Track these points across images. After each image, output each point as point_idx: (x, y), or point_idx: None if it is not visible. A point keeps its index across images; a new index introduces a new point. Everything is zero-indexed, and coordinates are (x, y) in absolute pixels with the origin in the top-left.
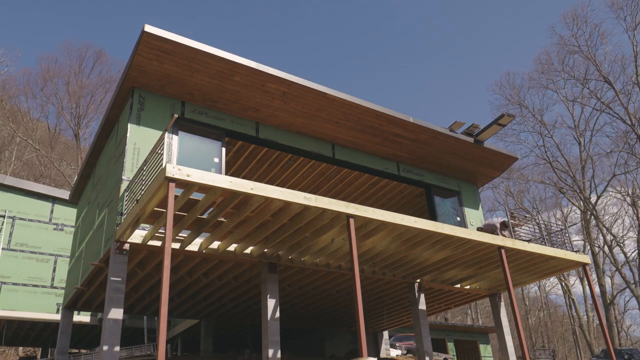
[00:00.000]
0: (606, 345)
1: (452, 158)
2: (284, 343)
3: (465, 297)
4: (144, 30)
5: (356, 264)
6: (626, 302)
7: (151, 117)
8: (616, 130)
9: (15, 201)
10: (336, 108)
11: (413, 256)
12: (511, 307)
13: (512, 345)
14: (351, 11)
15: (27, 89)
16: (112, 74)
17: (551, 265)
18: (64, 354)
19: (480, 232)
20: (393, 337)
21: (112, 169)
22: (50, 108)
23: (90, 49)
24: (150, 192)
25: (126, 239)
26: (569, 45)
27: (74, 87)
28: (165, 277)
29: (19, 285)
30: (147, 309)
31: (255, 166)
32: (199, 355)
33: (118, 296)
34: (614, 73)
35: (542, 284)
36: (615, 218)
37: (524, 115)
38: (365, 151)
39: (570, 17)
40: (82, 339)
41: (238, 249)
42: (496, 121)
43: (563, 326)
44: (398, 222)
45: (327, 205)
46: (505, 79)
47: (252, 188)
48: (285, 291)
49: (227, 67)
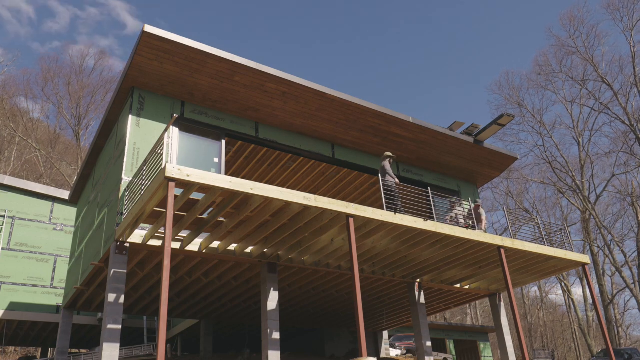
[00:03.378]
0: (606, 345)
1: (452, 158)
2: (284, 343)
3: (465, 297)
4: (144, 31)
5: (356, 264)
6: (626, 302)
7: (151, 117)
8: (615, 131)
9: (15, 201)
10: (336, 108)
11: (413, 256)
12: (511, 307)
13: (512, 345)
14: (351, 11)
15: (27, 89)
16: (114, 75)
17: (551, 265)
18: (64, 354)
19: (480, 232)
20: (393, 337)
21: (111, 169)
22: (51, 108)
23: (92, 49)
24: (150, 192)
25: (126, 239)
26: (566, 47)
27: (75, 87)
28: (165, 277)
29: (19, 285)
30: (147, 309)
31: (255, 166)
32: (198, 355)
33: (118, 296)
34: (612, 74)
35: (542, 284)
36: (615, 218)
37: (524, 115)
38: (365, 151)
39: (567, 19)
40: (82, 339)
41: (238, 249)
42: (496, 121)
43: (563, 326)
44: (398, 222)
45: (327, 205)
46: (504, 79)
47: (252, 188)
48: (285, 291)
49: (226, 67)
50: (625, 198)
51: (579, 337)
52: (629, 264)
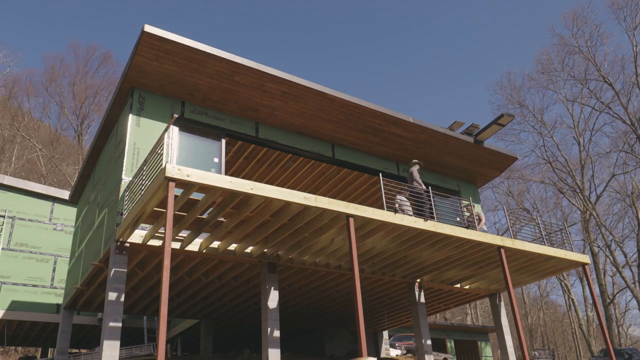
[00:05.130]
0: (606, 345)
1: (452, 158)
2: (284, 343)
3: (465, 297)
4: (144, 31)
5: (356, 264)
6: (627, 302)
7: (151, 117)
8: (616, 130)
9: (15, 201)
10: (336, 108)
11: (413, 256)
12: (511, 307)
13: (512, 345)
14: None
15: (30, 89)
16: (117, 76)
17: (551, 265)
18: (64, 354)
19: (480, 232)
20: (393, 337)
21: (111, 169)
22: (52, 108)
23: (97, 50)
24: (150, 192)
25: (126, 239)
26: (569, 46)
27: (79, 88)
28: (165, 277)
29: (19, 285)
30: (147, 309)
31: (255, 166)
32: (198, 355)
33: (118, 296)
34: (614, 73)
35: (542, 284)
36: (616, 218)
37: (524, 115)
38: (365, 151)
39: (570, 18)
40: (82, 339)
41: (238, 249)
42: (496, 121)
43: (563, 326)
44: (398, 222)
45: (327, 205)
46: (505, 79)
47: (252, 188)
48: (285, 291)
49: (226, 67)
50: (625, 198)
51: (579, 337)
52: (630, 264)
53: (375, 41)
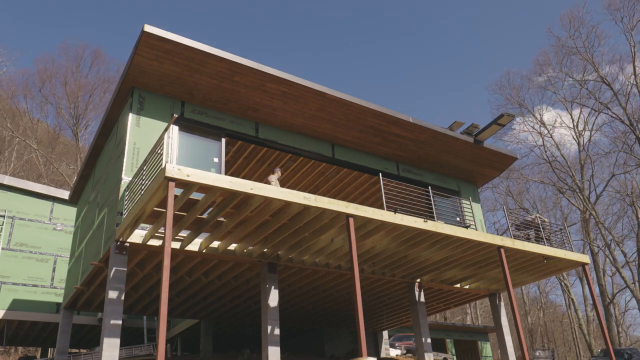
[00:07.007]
0: (606, 345)
1: (452, 158)
2: (284, 343)
3: (465, 297)
4: (144, 30)
5: (356, 264)
6: (627, 302)
7: (151, 117)
8: (615, 131)
9: (15, 201)
10: (336, 108)
11: (412, 256)
12: (511, 307)
13: (512, 345)
14: (351, 11)
15: (26, 89)
16: (111, 74)
17: (551, 265)
18: (64, 353)
19: (479, 232)
20: (393, 336)
21: (111, 169)
22: (50, 108)
23: (87, 49)
24: (150, 192)
25: (126, 239)
26: (566, 47)
27: (72, 88)
28: (165, 277)
29: (19, 285)
30: (146, 309)
31: (255, 166)
32: (198, 355)
33: (118, 296)
34: (612, 74)
35: (541, 284)
36: (615, 218)
37: (524, 115)
38: (365, 151)
39: (567, 19)
40: (82, 339)
41: (238, 249)
42: (496, 121)
43: (563, 326)
44: (398, 222)
45: (327, 205)
46: (505, 79)
47: (252, 188)
48: (285, 291)
49: (226, 67)
50: (625, 198)
51: (579, 337)
52: (629, 264)
53: (376, 41)
